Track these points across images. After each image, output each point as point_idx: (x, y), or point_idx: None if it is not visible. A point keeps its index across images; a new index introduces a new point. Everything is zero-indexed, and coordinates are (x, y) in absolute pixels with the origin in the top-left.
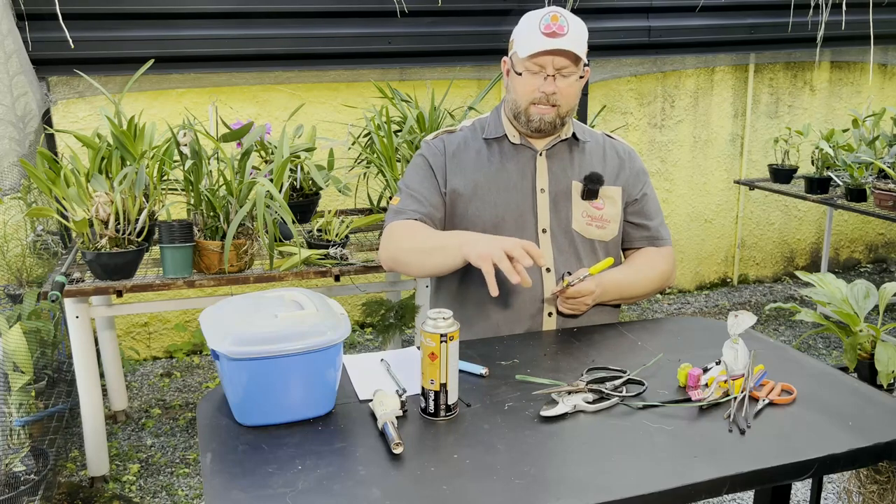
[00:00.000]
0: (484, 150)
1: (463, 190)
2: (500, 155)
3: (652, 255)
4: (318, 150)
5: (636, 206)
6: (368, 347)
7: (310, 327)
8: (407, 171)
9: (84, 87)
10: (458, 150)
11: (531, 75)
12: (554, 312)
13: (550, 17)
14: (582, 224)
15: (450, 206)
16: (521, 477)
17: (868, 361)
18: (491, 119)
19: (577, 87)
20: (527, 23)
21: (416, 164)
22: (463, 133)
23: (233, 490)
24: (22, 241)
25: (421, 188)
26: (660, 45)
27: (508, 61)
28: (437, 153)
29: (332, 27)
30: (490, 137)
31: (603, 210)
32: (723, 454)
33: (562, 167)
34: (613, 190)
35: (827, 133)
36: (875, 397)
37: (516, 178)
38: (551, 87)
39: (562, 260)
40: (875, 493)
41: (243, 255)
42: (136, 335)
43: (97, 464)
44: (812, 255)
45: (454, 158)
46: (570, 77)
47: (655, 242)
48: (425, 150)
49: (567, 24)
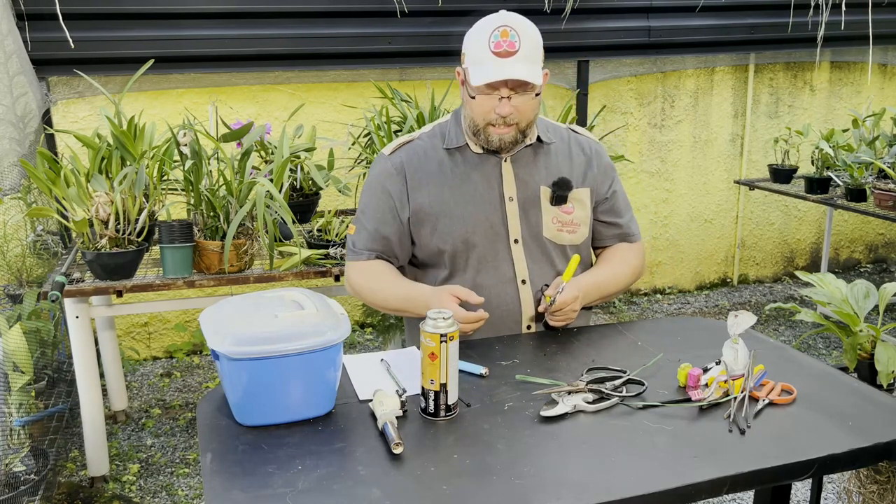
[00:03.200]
0: (446, 160)
1: (429, 207)
2: (464, 165)
3: (624, 251)
4: (318, 150)
5: (606, 204)
6: (368, 347)
7: (310, 327)
8: (364, 191)
9: (84, 87)
10: (419, 164)
11: (485, 97)
12: (533, 325)
13: (500, 34)
14: (553, 231)
15: (416, 225)
16: (521, 477)
17: (868, 361)
18: (451, 126)
19: (536, 101)
20: (477, 37)
21: (372, 187)
22: (423, 142)
23: (233, 490)
24: (22, 241)
25: (374, 219)
26: (660, 45)
27: (462, 73)
28: (393, 174)
29: (332, 27)
30: (451, 147)
31: (573, 214)
32: (723, 454)
33: (528, 172)
34: (582, 192)
35: (827, 133)
36: (875, 397)
37: (483, 189)
38: (506, 108)
39: (536, 269)
40: (875, 493)
41: (243, 255)
42: (136, 335)
43: (97, 464)
44: (812, 255)
45: (416, 175)
46: (526, 94)
47: (627, 238)
48: (383, 169)
49: (518, 38)
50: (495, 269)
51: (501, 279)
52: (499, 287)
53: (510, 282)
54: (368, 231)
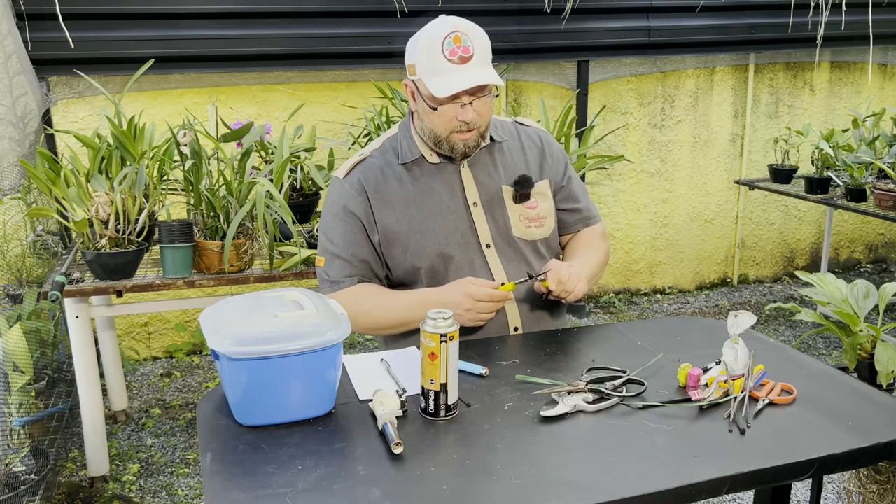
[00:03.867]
0: (405, 175)
1: (397, 227)
2: (424, 177)
3: (589, 236)
4: (318, 150)
5: (563, 192)
6: (368, 347)
7: (310, 327)
8: (324, 218)
9: (84, 87)
10: (378, 183)
11: (447, 107)
12: (520, 327)
13: (453, 39)
14: (521, 228)
15: (386, 245)
16: (521, 477)
17: (868, 361)
18: (402, 140)
19: (492, 102)
20: (427, 47)
21: (333, 213)
22: (376, 160)
23: (233, 490)
24: (22, 241)
25: (345, 244)
26: (660, 45)
27: (412, 86)
28: (354, 195)
29: (332, 27)
30: (407, 161)
31: (537, 208)
32: (723, 454)
33: (487, 174)
34: (542, 184)
35: (827, 133)
36: (875, 397)
37: (447, 198)
38: (469, 114)
39: (512, 269)
40: (875, 493)
41: (243, 255)
42: (136, 335)
43: (97, 464)
44: (812, 255)
45: (377, 194)
46: (485, 97)
47: (589, 222)
48: (341, 192)
49: (471, 42)
50: (472, 276)
51: None
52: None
53: None
54: (343, 259)
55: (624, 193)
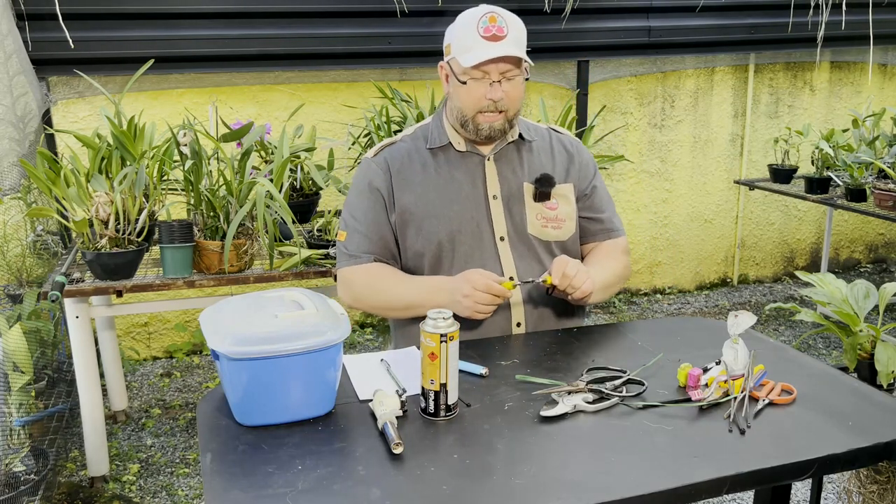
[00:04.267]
0: (430, 161)
1: (414, 208)
2: (448, 164)
3: (610, 248)
4: (318, 150)
5: (586, 200)
6: (368, 347)
7: (310, 327)
8: (350, 196)
9: (84, 87)
10: (402, 165)
11: (475, 83)
12: (523, 322)
13: (489, 19)
14: (537, 227)
15: (401, 226)
16: (521, 477)
17: (868, 361)
18: (433, 127)
19: (522, 88)
20: (463, 25)
21: (359, 190)
22: (405, 144)
23: (233, 490)
24: (22, 241)
25: (368, 221)
26: (660, 45)
27: (447, 67)
28: (379, 173)
29: (332, 27)
30: (434, 147)
31: (557, 210)
32: (723, 454)
33: (511, 170)
34: (565, 187)
35: (827, 133)
36: (875, 397)
37: (467, 188)
38: (498, 93)
39: (523, 266)
40: (875, 493)
41: (243, 255)
42: (136, 335)
43: (97, 464)
44: (812, 255)
45: (399, 175)
46: (515, 79)
47: (610, 234)
48: (367, 170)
49: (506, 24)
50: (482, 266)
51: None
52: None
53: None
54: (362, 233)
55: (624, 193)
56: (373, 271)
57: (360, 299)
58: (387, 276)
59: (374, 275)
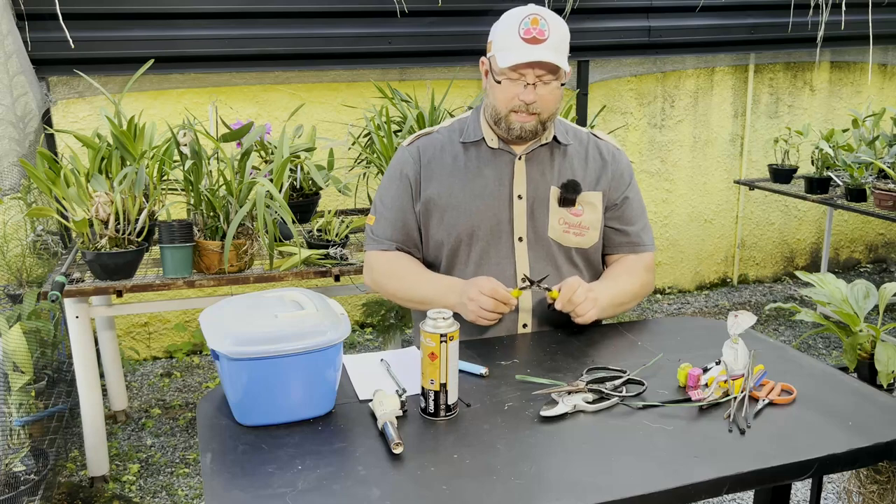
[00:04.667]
0: (461, 154)
1: (438, 199)
2: (478, 160)
3: (632, 264)
4: (318, 150)
5: (616, 210)
6: (368, 347)
7: (310, 327)
8: (383, 181)
9: (84, 87)
10: (434, 155)
11: (510, 83)
12: (529, 324)
13: (531, 21)
14: (559, 232)
15: (424, 215)
16: (521, 477)
17: (868, 361)
18: (471, 121)
19: (559, 93)
20: (506, 24)
21: (391, 177)
22: (440, 135)
23: (233, 490)
24: (22, 241)
25: (394, 207)
26: (660, 45)
27: (487, 63)
28: (411, 162)
29: (332, 27)
30: (468, 141)
31: (582, 217)
32: (723, 454)
33: (541, 172)
34: (594, 195)
35: (827, 133)
36: (875, 397)
37: (493, 185)
38: (531, 95)
39: (538, 269)
40: (875, 493)
41: (243, 255)
42: (136, 335)
43: (97, 464)
44: (812, 255)
45: (429, 165)
46: (551, 84)
47: (636, 249)
48: (401, 158)
49: (548, 27)
50: (496, 265)
51: (501, 276)
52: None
53: (510, 279)
54: (388, 219)
55: None
56: (393, 260)
57: (378, 284)
58: (405, 266)
59: (395, 264)
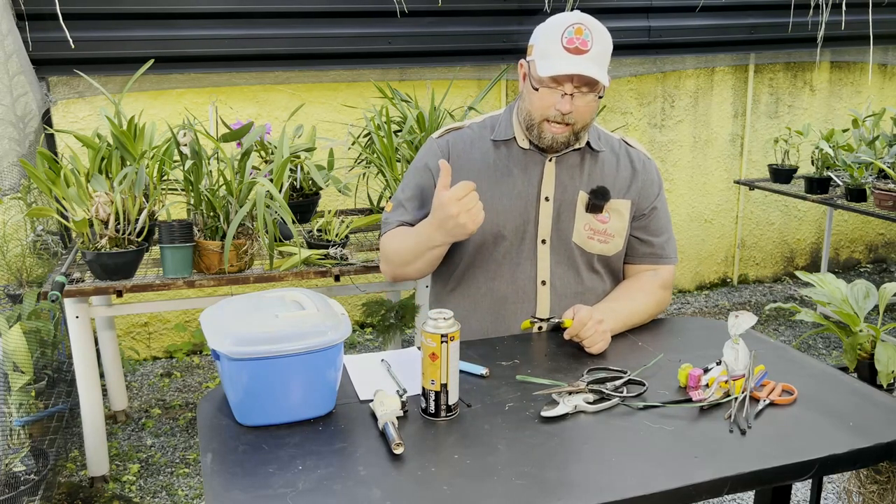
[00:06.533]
0: (490, 152)
1: None
2: (508, 159)
3: (648, 282)
4: (318, 150)
5: (643, 220)
6: (369, 347)
7: (310, 327)
8: (407, 171)
9: (84, 87)
10: (463, 150)
11: (548, 91)
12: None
13: (574, 30)
14: (583, 237)
15: None
16: (522, 477)
17: (868, 361)
18: (503, 119)
19: (595, 105)
20: (549, 30)
21: (415, 167)
22: (471, 131)
23: (233, 490)
24: (22, 241)
25: (413, 197)
26: (660, 45)
27: (526, 66)
28: (438, 154)
29: (332, 27)
30: (499, 139)
31: (608, 224)
32: (723, 454)
33: (570, 175)
34: (622, 203)
35: (827, 133)
36: (875, 397)
37: (521, 185)
38: (567, 106)
39: (558, 272)
40: (875, 493)
41: (243, 255)
42: (136, 335)
43: (97, 464)
44: (812, 255)
45: (458, 160)
46: (588, 96)
47: (658, 260)
48: (428, 150)
49: (591, 38)
50: (518, 265)
51: (522, 276)
52: (518, 283)
53: (530, 280)
54: (404, 208)
55: None
56: (394, 233)
57: (390, 262)
58: (401, 232)
59: (395, 237)
